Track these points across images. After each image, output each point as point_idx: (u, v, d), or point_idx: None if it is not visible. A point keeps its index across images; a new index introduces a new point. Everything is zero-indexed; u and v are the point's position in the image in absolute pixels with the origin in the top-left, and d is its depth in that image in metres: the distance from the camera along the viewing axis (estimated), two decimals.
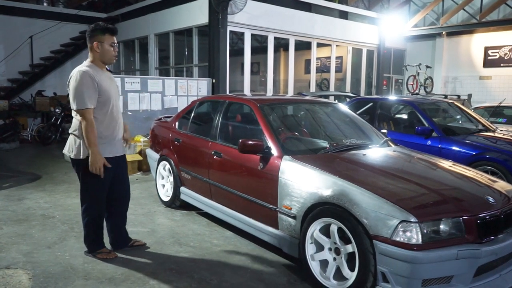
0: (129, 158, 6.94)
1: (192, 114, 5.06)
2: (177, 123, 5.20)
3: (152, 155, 5.53)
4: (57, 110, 10.33)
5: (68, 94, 10.56)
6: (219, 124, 4.45)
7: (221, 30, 9.26)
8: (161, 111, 8.01)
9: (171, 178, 5.01)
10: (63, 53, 12.54)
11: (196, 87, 8.84)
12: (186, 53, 11.01)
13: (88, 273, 3.29)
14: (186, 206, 4.91)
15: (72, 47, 12.71)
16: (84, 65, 3.26)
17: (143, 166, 7.11)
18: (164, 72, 11.54)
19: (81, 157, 3.28)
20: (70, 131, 3.38)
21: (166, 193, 5.17)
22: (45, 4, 13.31)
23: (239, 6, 9.04)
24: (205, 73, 9.99)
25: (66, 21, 12.82)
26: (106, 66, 3.43)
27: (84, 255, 3.61)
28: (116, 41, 3.35)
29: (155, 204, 5.26)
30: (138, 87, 7.88)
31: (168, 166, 5.06)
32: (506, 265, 2.91)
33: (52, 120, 10.35)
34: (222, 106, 4.59)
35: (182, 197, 4.87)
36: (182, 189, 4.85)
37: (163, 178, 5.24)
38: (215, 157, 4.22)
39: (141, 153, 7.12)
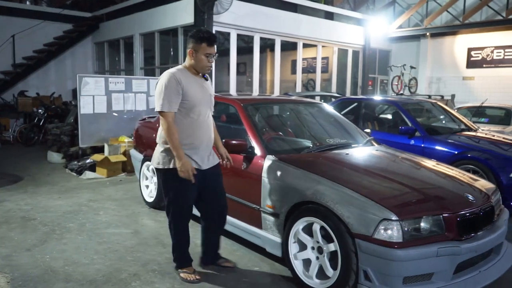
0: (112, 159, 6.89)
1: None
2: None
3: (136, 156, 5.48)
4: (39, 110, 10.16)
5: (51, 94, 10.28)
6: None
7: None
8: (146, 111, 7.94)
9: (155, 179, 4.96)
10: (46, 52, 12.33)
11: None
12: (172, 53, 10.94)
13: (69, 275, 3.24)
14: None
15: (56, 46, 12.50)
16: (176, 67, 3.05)
17: (127, 167, 7.04)
18: (149, 72, 11.46)
19: (162, 166, 3.06)
20: (157, 140, 3.15)
21: (150, 194, 5.12)
22: (28, 2, 13.11)
23: (224, 6, 9.02)
24: None
25: (50, 20, 12.64)
26: (204, 74, 3.18)
27: (64, 258, 3.56)
28: (213, 52, 3.04)
29: (139, 205, 5.21)
30: (122, 87, 7.79)
31: (152, 166, 5.01)
32: (485, 262, 2.95)
33: (35, 121, 10.19)
34: None
35: None
36: None
37: (147, 178, 5.19)
38: None
39: (125, 153, 7.06)
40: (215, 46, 3.06)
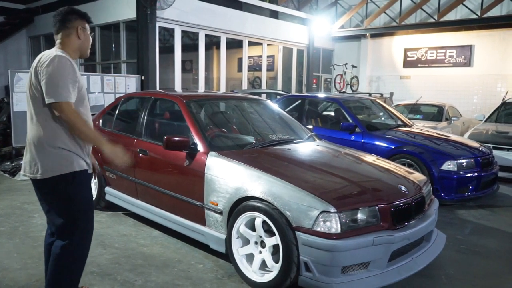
0: None
1: (117, 111, 4.87)
2: (100, 121, 4.97)
3: None
4: None
5: None
6: (145, 121, 4.32)
7: (150, 26, 9.02)
8: None
9: (95, 178, 4.78)
10: None
11: (124, 84, 8.52)
12: (114, 48, 10.58)
13: None
14: (112, 207, 4.72)
15: None
16: (57, 50, 2.45)
17: None
18: (90, 68, 11.00)
19: (59, 172, 2.35)
20: (32, 142, 2.39)
21: None
22: None
23: (168, 2, 8.86)
24: (134, 69, 9.67)
25: None
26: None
27: None
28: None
29: None
30: None
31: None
32: (417, 249, 3.12)
33: None
34: (148, 102, 4.46)
35: (107, 197, 4.66)
36: (107, 189, 4.64)
37: None
38: (140, 155, 4.09)
39: None
40: None
